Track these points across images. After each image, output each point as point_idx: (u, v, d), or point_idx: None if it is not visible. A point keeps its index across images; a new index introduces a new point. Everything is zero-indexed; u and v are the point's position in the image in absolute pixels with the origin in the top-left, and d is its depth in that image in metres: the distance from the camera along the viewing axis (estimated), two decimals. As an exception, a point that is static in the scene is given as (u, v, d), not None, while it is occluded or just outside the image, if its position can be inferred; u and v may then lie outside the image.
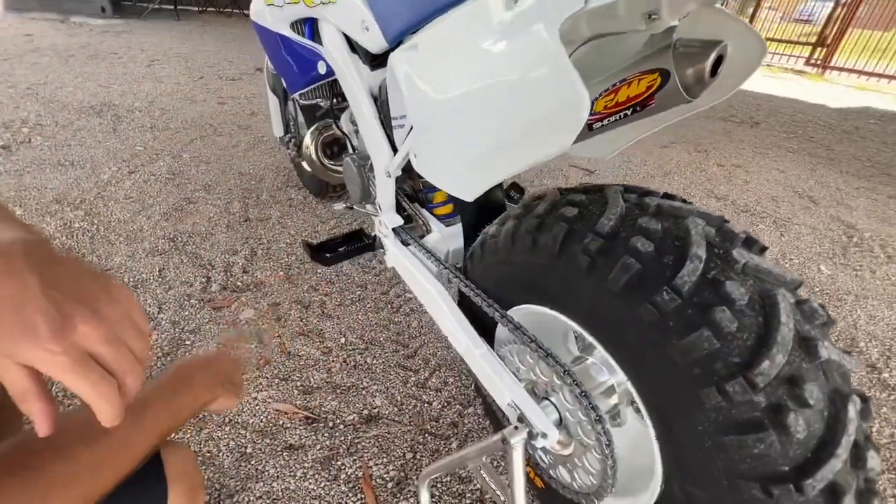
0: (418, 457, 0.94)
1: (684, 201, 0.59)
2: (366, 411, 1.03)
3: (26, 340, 0.24)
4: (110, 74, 3.46)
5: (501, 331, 0.79)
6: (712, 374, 0.44)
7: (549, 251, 0.59)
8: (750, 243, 0.52)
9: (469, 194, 0.67)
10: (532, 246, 0.62)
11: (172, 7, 6.86)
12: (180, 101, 3.03)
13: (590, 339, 0.58)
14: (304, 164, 1.86)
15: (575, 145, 0.73)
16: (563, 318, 0.62)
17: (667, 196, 0.60)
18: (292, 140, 1.69)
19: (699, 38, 0.56)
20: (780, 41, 9.29)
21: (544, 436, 0.65)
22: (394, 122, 0.86)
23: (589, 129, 0.67)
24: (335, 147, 1.45)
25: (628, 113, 0.62)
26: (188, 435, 0.93)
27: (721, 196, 2.48)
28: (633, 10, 0.57)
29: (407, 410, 1.04)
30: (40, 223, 1.59)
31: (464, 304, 0.85)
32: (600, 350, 0.70)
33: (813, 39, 8.75)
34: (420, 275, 0.86)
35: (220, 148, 2.38)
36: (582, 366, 0.70)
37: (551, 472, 0.73)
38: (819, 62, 8.45)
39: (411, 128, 0.78)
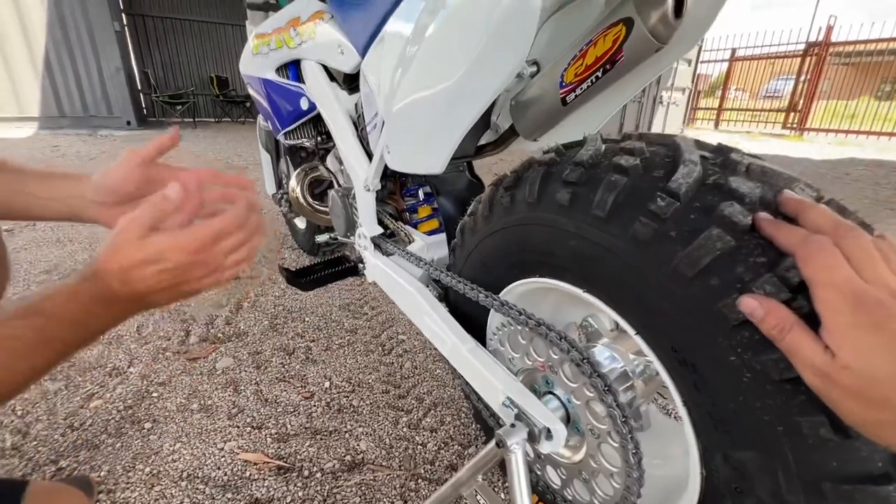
0: (409, 505, 0.77)
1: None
2: (348, 457, 0.87)
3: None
4: (125, 170, 3.67)
5: (491, 324, 0.69)
6: (734, 280, 0.35)
7: (528, 201, 0.52)
8: (753, 156, 0.46)
9: (439, 164, 0.63)
10: (510, 204, 0.56)
11: (192, 119, 7.55)
12: (187, 187, 3.17)
13: (581, 294, 0.49)
14: (297, 222, 1.88)
15: (551, 133, 0.71)
16: (550, 282, 0.54)
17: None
18: (284, 196, 1.70)
19: (657, -17, 0.56)
20: (755, 111, 9.92)
21: (549, 436, 0.53)
22: (368, 126, 0.85)
23: (563, 105, 0.64)
24: (323, 197, 1.45)
25: (599, 74, 0.59)
26: (135, 493, 0.79)
27: (724, 235, 2.42)
28: (586, -39, 0.58)
29: (397, 454, 0.89)
30: (25, 291, 1.54)
31: (450, 306, 0.76)
32: (603, 325, 0.60)
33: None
34: (400, 278, 0.78)
35: (219, 221, 2.41)
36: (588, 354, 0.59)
37: (566, 493, 0.58)
38: (795, 126, 8.92)
39: (383, 124, 0.77)
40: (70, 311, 0.40)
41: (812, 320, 0.31)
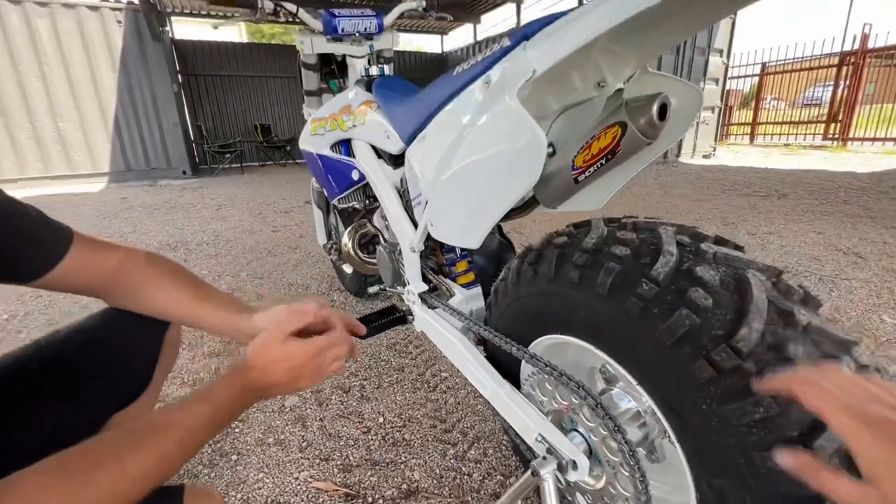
0: (459, 529, 0.89)
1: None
2: (405, 485, 1.01)
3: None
4: (186, 219, 4.07)
5: (524, 371, 0.82)
6: (699, 348, 0.47)
7: (547, 276, 0.66)
8: (722, 242, 0.58)
9: (474, 242, 0.78)
10: (533, 277, 0.70)
11: (239, 165, 8.17)
12: (241, 233, 3.48)
13: (595, 350, 0.62)
14: (344, 268, 2.07)
15: (567, 202, 0.85)
16: (569, 339, 0.67)
17: (646, 219, 0.69)
18: (334, 246, 1.92)
19: (644, 94, 0.70)
20: (791, 123, 9.63)
21: (575, 466, 0.65)
22: (413, 203, 1.02)
23: (575, 183, 0.78)
24: (369, 246, 1.64)
25: (603, 162, 0.73)
26: (232, 515, 0.95)
27: (757, 261, 2.43)
28: (586, 81, 0.73)
29: (446, 483, 1.01)
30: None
31: (488, 352, 0.89)
32: (618, 371, 0.72)
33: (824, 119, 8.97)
34: (444, 330, 0.93)
35: (273, 266, 2.66)
36: (606, 395, 0.71)
37: (593, 516, 0.69)
38: (837, 136, 8.60)
39: (426, 202, 0.93)
40: (226, 398, 0.55)
41: None
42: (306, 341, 0.58)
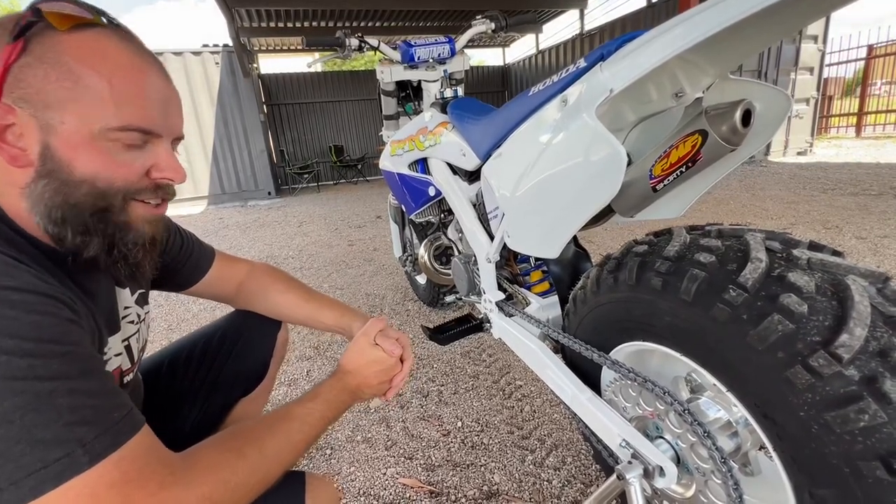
0: (542, 532, 0.91)
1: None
2: (486, 487, 1.04)
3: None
4: (273, 236, 4.47)
5: (605, 378, 0.83)
6: (795, 354, 0.47)
7: (628, 283, 0.68)
8: (817, 247, 0.57)
9: (553, 252, 0.81)
10: (613, 284, 0.72)
11: (315, 184, 8.80)
12: (321, 248, 3.76)
13: (680, 357, 0.62)
14: (418, 278, 2.18)
15: (646, 210, 0.86)
16: (653, 345, 0.67)
17: (732, 226, 0.68)
18: (409, 258, 2.03)
19: (726, 101, 0.70)
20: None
21: (662, 473, 0.65)
22: (489, 215, 1.07)
23: (654, 192, 0.79)
24: (443, 258, 1.72)
25: (683, 170, 0.74)
26: (330, 503, 1.04)
27: (868, 268, 2.18)
28: (663, 92, 0.75)
29: (526, 487, 1.03)
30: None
31: (567, 359, 0.91)
32: (706, 379, 0.71)
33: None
34: (523, 337, 0.96)
35: (351, 277, 2.85)
36: (693, 404, 0.71)
37: (682, 527, 0.69)
38: (970, 121, 7.38)
39: (503, 215, 0.98)
40: (332, 398, 0.63)
41: None
42: (387, 346, 0.67)
